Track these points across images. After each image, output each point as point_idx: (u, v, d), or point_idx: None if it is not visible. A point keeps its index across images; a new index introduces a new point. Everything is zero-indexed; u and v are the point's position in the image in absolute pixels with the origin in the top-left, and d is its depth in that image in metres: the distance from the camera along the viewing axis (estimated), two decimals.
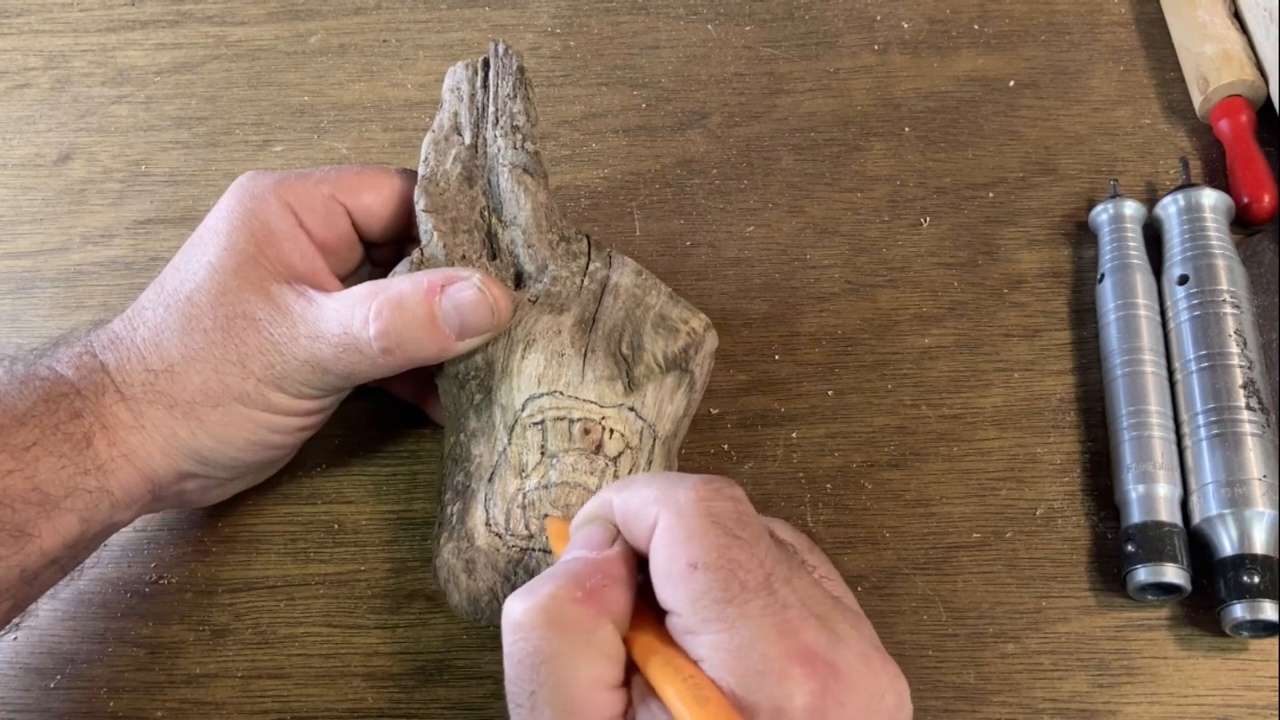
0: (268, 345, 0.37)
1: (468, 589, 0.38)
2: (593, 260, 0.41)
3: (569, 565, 0.31)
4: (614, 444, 0.38)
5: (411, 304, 0.37)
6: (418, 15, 0.59)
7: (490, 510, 0.38)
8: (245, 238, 0.39)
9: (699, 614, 0.28)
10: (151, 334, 0.38)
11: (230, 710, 0.41)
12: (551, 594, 0.29)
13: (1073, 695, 0.40)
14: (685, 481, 0.31)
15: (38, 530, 0.35)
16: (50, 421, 0.36)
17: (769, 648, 0.27)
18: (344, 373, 0.38)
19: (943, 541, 0.43)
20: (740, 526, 0.30)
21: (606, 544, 0.32)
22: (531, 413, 0.38)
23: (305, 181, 0.40)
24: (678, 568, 0.29)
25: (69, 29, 0.60)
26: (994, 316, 0.48)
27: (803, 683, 0.27)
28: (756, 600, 0.28)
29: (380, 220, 0.42)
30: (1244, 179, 0.49)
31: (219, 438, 0.38)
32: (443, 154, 0.41)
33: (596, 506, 0.33)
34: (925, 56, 0.56)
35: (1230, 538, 0.40)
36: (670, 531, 0.29)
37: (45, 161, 0.55)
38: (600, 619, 0.29)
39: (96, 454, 0.36)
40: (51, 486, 0.35)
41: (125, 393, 0.37)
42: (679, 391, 0.40)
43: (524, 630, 0.29)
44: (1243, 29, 0.53)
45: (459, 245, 0.40)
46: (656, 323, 0.39)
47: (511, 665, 0.29)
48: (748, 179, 0.53)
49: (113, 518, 0.37)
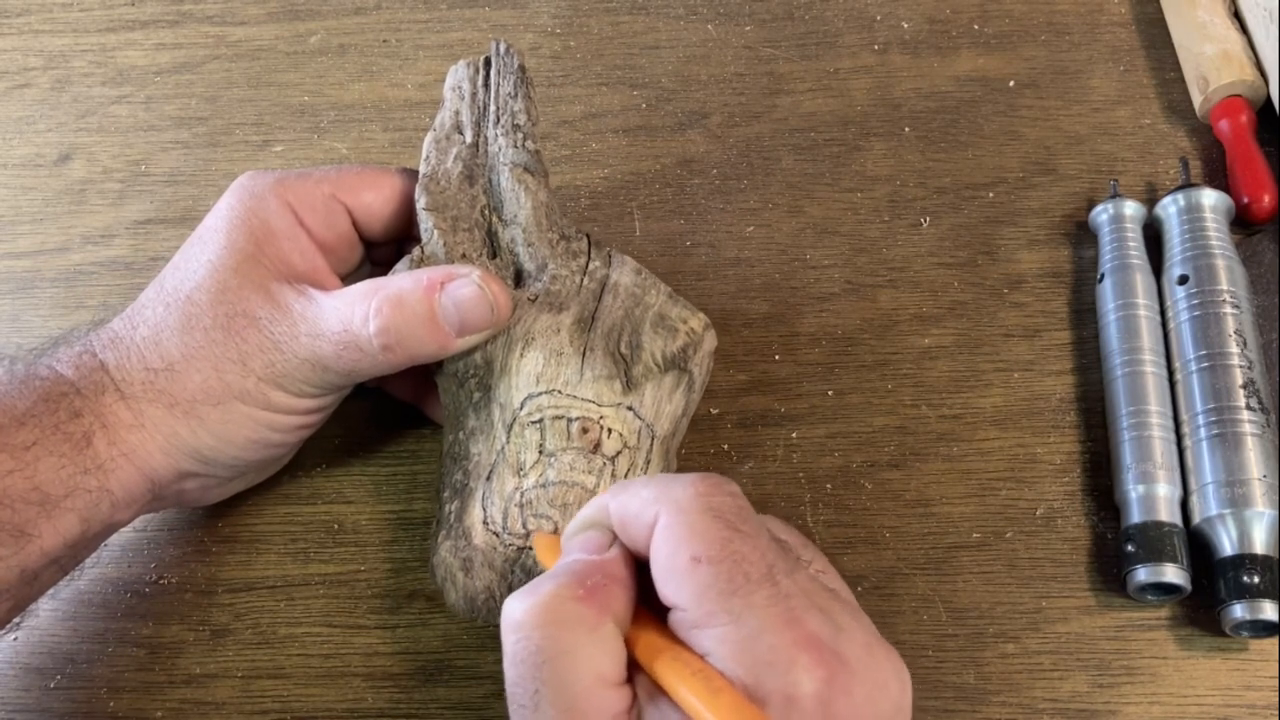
0: (268, 343, 0.37)
1: (465, 588, 0.38)
2: (592, 259, 0.41)
3: (568, 566, 0.31)
4: (612, 443, 0.38)
5: (411, 301, 0.37)
6: (418, 15, 0.59)
7: (488, 509, 0.38)
8: (245, 236, 0.39)
9: (703, 607, 0.28)
10: (151, 333, 0.38)
11: (230, 710, 0.41)
12: (553, 592, 0.30)
13: (1073, 695, 0.40)
14: (682, 479, 0.31)
15: (38, 530, 0.35)
16: (50, 421, 0.36)
17: (775, 638, 0.28)
18: (344, 370, 0.38)
19: (943, 541, 0.43)
20: (741, 520, 0.30)
21: (605, 548, 0.32)
22: (530, 411, 0.38)
23: (305, 181, 0.40)
24: (680, 562, 0.29)
25: (69, 29, 0.60)
26: (994, 316, 0.48)
27: (811, 670, 0.27)
28: (760, 591, 0.28)
29: (381, 219, 0.42)
30: (1244, 179, 0.49)
31: (219, 436, 0.38)
32: (444, 152, 0.41)
33: (592, 512, 0.33)
34: (925, 56, 0.56)
35: (1230, 538, 0.40)
36: (671, 528, 0.30)
37: (45, 161, 0.55)
38: (602, 617, 0.29)
39: (96, 453, 0.36)
40: (51, 486, 0.35)
41: (125, 391, 0.37)
42: (678, 391, 0.40)
43: (526, 629, 0.29)
44: (1243, 29, 0.53)
45: (459, 243, 0.40)
46: (655, 322, 0.39)
47: (513, 665, 0.29)
48: (748, 179, 0.53)
49: (113, 517, 0.37)
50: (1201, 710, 0.40)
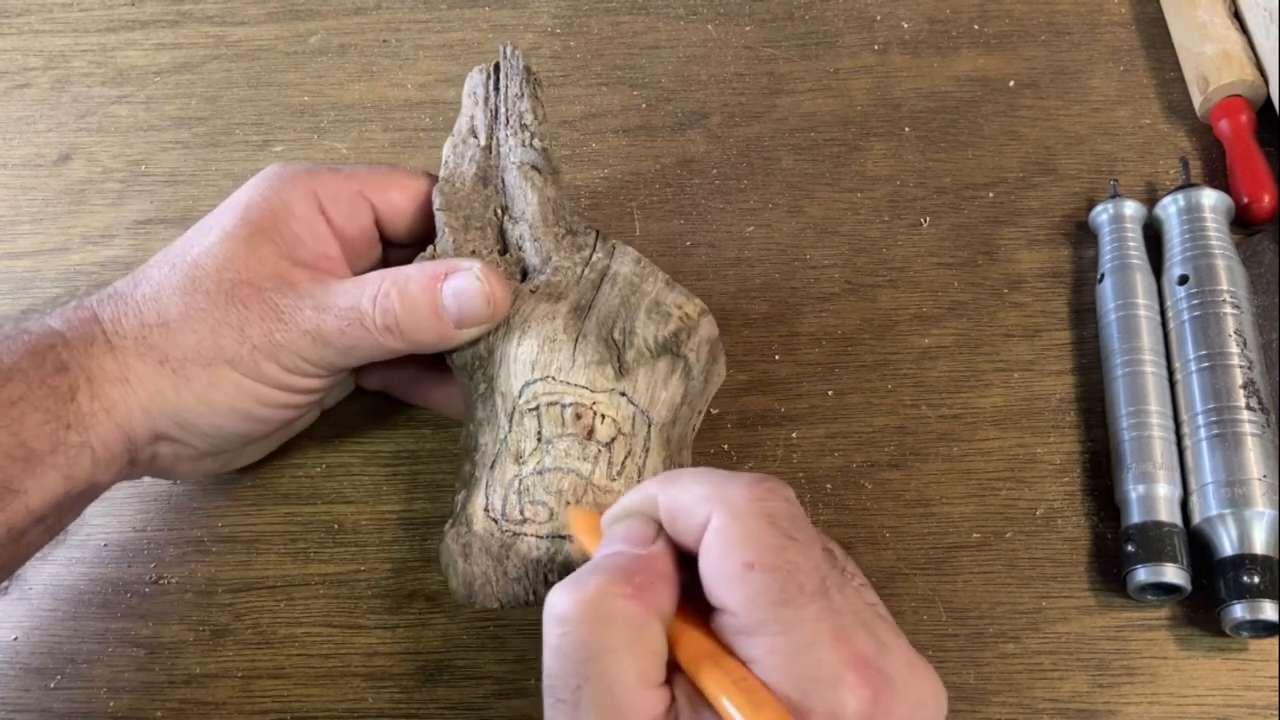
0: (270, 312, 0.38)
1: (463, 573, 0.38)
2: (596, 251, 0.42)
3: (615, 560, 0.31)
4: (605, 429, 0.38)
5: (416, 289, 0.38)
6: (418, 15, 0.59)
7: (490, 496, 0.38)
8: (263, 213, 0.39)
9: (754, 615, 0.28)
10: (153, 290, 0.38)
11: (230, 710, 0.41)
12: (600, 588, 0.29)
13: (1073, 695, 0.40)
14: (738, 480, 0.30)
15: (23, 486, 0.35)
16: (36, 376, 0.36)
17: (825, 653, 0.27)
18: (344, 347, 0.38)
19: (943, 541, 0.43)
20: (796, 528, 0.29)
21: (650, 539, 0.32)
22: (527, 399, 0.38)
23: (335, 174, 0.41)
24: (733, 567, 0.29)
25: (69, 29, 0.60)
26: (994, 316, 0.48)
27: (857, 690, 0.27)
28: (813, 605, 0.28)
29: (404, 218, 0.42)
30: (1244, 179, 0.49)
31: (202, 399, 0.38)
32: (460, 156, 0.43)
33: (638, 500, 0.33)
34: (925, 56, 0.56)
35: (1230, 538, 0.40)
36: (725, 530, 0.29)
37: (45, 161, 0.55)
38: (649, 616, 0.29)
39: (79, 407, 0.36)
40: (37, 442, 0.35)
41: (115, 343, 0.37)
42: (673, 377, 0.39)
43: (571, 624, 0.29)
44: (1243, 29, 0.53)
45: (469, 241, 0.41)
46: (651, 308, 0.40)
47: (556, 659, 0.29)
48: (748, 179, 0.53)
49: (94, 476, 0.37)
50: (1201, 710, 0.40)
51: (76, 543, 0.45)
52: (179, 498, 0.46)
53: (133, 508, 0.45)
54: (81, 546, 0.45)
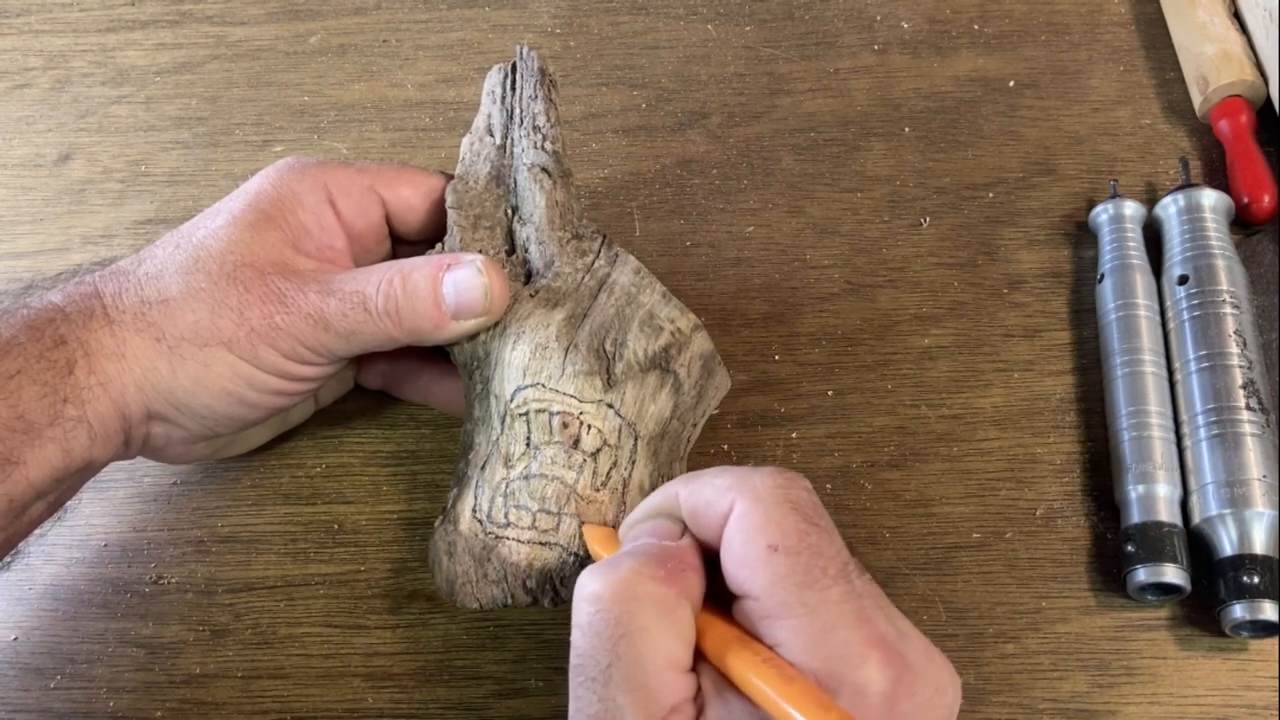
0: (271, 295, 0.38)
1: (446, 571, 0.38)
2: (599, 258, 0.41)
3: (645, 547, 0.31)
4: (591, 439, 0.38)
5: (419, 276, 0.38)
6: (418, 15, 0.59)
7: (478, 497, 0.39)
8: (271, 201, 0.40)
9: (777, 597, 0.29)
10: (156, 268, 0.39)
11: (230, 710, 0.41)
12: (634, 569, 0.30)
13: (1073, 695, 0.40)
14: (760, 471, 0.31)
15: (23, 458, 0.35)
16: (35, 349, 0.36)
17: (849, 633, 0.28)
18: (344, 332, 0.38)
19: (943, 541, 0.43)
20: (817, 515, 0.30)
21: (676, 535, 0.32)
22: (519, 403, 0.38)
23: (347, 168, 0.42)
24: (756, 550, 0.29)
25: (69, 29, 0.60)
26: (994, 316, 0.48)
27: (881, 669, 0.28)
28: (836, 587, 0.29)
29: (415, 214, 0.42)
30: (1244, 179, 0.49)
31: (196, 380, 0.38)
32: (476, 154, 0.43)
33: (660, 500, 0.33)
34: (925, 56, 0.56)
35: (1230, 538, 0.40)
36: (748, 515, 0.30)
37: (45, 161, 0.55)
38: (680, 599, 0.30)
39: (76, 381, 0.37)
40: (35, 414, 0.36)
41: (114, 318, 0.38)
42: (662, 392, 0.39)
43: (604, 602, 0.29)
44: (1243, 29, 0.53)
45: (477, 240, 0.41)
46: (644, 321, 0.40)
47: (586, 638, 0.29)
48: (748, 179, 0.53)
49: (91, 452, 0.37)
50: (1201, 710, 0.40)
51: (76, 543, 0.45)
52: (179, 498, 0.46)
53: (133, 508, 0.45)
54: (81, 546, 0.45)
